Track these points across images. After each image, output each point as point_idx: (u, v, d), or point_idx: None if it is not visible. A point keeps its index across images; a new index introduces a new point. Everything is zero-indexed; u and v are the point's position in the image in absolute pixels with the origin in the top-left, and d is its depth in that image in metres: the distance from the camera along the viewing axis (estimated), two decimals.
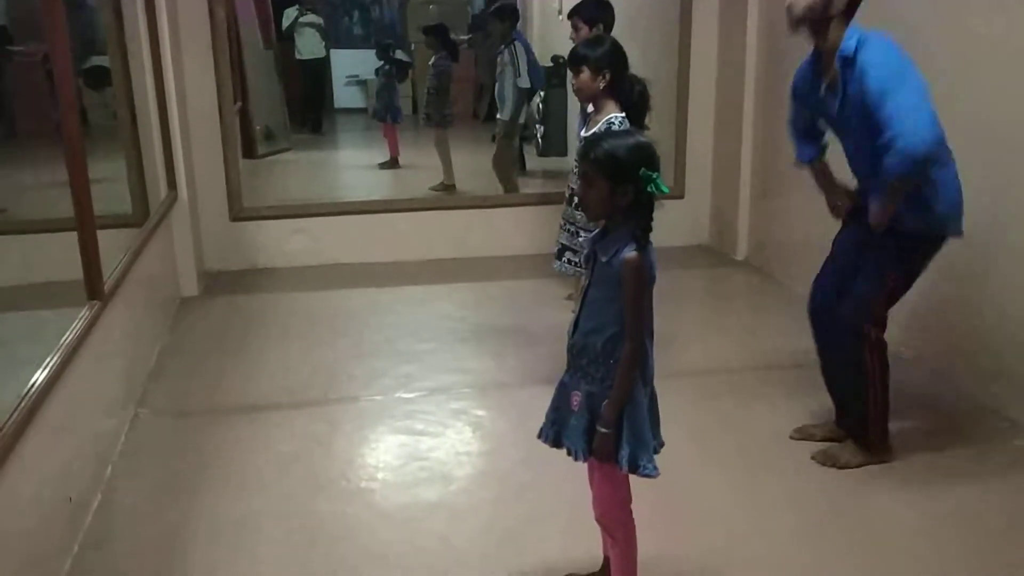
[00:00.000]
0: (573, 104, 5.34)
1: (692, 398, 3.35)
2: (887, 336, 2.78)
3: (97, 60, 3.97)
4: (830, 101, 2.63)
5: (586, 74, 3.22)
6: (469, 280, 4.92)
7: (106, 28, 3.86)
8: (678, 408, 3.28)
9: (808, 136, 2.89)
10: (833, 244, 2.93)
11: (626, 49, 3.33)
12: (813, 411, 3.15)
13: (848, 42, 2.50)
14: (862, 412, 2.82)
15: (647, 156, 1.86)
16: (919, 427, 3.09)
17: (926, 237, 2.66)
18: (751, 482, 2.82)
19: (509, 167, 6.35)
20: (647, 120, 3.31)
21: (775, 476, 2.85)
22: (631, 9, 6.02)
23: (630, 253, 1.85)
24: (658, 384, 2.01)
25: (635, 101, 3.25)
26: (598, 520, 2.09)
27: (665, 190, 1.85)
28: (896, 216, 2.60)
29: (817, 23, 2.52)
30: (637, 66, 5.60)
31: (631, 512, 2.06)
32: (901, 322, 3.59)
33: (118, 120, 3.96)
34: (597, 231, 1.97)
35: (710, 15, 5.16)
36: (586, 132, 3.29)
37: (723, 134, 5.27)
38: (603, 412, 1.91)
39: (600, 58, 3.21)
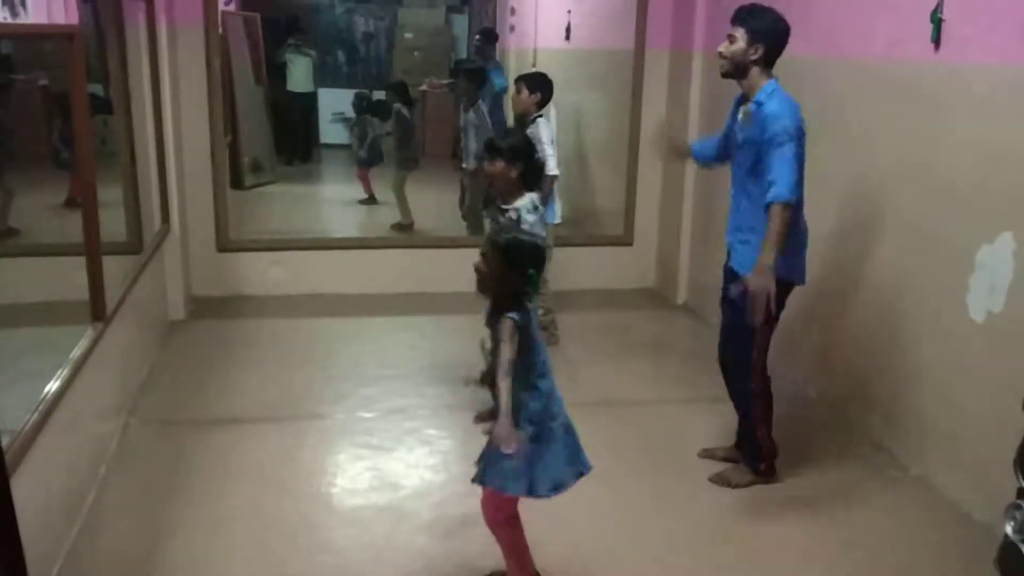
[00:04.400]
0: None
1: (617, 423, 3.81)
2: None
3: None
4: (739, 131, 3.13)
5: (501, 164, 3.62)
6: (432, 313, 5.27)
7: (113, 78, 4.30)
8: (597, 431, 3.76)
9: (714, 145, 3.36)
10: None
11: (585, 114, 3.76)
12: (718, 434, 3.60)
13: (763, 91, 2.98)
14: (755, 445, 3.31)
15: (539, 258, 2.34)
16: (809, 455, 3.56)
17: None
18: (656, 495, 3.28)
19: (479, 212, 6.86)
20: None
21: (676, 493, 3.31)
22: (591, 79, 6.55)
23: (511, 315, 2.28)
24: (584, 411, 2.48)
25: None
26: (488, 526, 2.55)
27: (538, 288, 2.34)
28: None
29: (739, 68, 3.02)
30: (595, 131, 6.24)
31: (516, 524, 2.52)
32: (810, 366, 4.13)
33: (119, 159, 4.39)
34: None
35: (659, 85, 5.61)
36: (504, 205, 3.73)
37: (669, 188, 5.70)
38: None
39: (514, 149, 3.65)
